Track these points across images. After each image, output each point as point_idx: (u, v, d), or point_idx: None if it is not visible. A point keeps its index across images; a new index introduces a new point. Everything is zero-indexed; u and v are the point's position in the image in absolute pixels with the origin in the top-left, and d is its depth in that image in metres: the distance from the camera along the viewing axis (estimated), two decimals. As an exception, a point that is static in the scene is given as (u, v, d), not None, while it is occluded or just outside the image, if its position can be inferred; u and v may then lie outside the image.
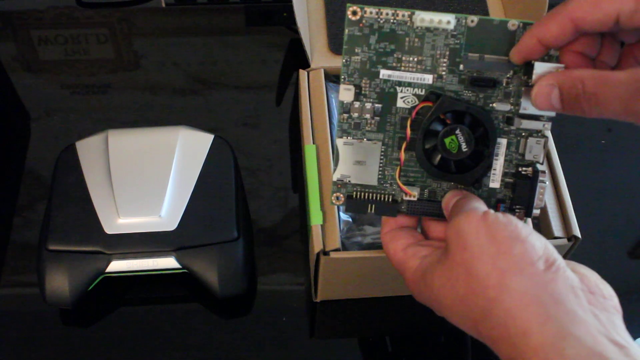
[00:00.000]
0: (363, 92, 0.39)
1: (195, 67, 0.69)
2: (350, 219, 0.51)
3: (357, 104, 0.39)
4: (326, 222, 0.47)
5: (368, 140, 0.40)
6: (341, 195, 0.41)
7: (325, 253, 0.46)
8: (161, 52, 0.70)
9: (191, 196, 0.53)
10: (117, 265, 0.50)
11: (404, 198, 0.40)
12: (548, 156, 0.52)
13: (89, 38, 0.71)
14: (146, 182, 0.53)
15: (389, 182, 0.40)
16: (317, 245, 0.46)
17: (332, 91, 0.56)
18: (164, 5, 0.74)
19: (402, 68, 0.38)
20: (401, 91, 0.39)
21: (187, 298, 0.54)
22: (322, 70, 0.56)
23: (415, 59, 0.38)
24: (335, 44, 0.59)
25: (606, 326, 0.30)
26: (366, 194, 0.40)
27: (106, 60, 0.70)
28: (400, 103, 0.39)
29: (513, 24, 0.37)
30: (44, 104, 0.66)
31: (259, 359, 0.52)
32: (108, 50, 0.71)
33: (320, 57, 0.58)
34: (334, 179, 0.40)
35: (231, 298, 0.51)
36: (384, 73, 0.38)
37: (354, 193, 0.40)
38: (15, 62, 0.70)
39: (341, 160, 0.40)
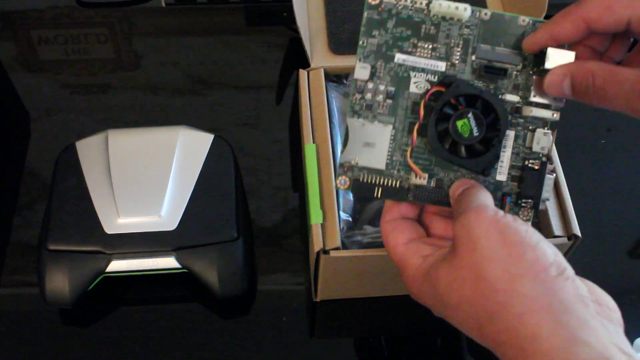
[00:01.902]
0: (377, 74, 0.39)
1: (195, 67, 0.69)
2: (350, 219, 0.51)
3: (370, 85, 0.39)
4: (326, 221, 0.47)
5: (379, 122, 0.40)
6: (347, 178, 0.40)
7: (325, 252, 0.46)
8: (161, 52, 0.70)
9: (191, 196, 0.53)
10: (117, 265, 0.50)
11: (413, 181, 0.40)
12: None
13: (89, 38, 0.71)
14: (146, 182, 0.53)
15: (396, 168, 0.40)
16: (317, 244, 0.46)
17: (332, 91, 0.56)
18: (164, 5, 0.74)
19: (417, 54, 0.39)
20: (414, 76, 0.39)
21: (187, 298, 0.54)
22: (322, 70, 0.56)
23: (430, 46, 0.39)
24: (335, 44, 0.59)
25: (614, 336, 0.30)
26: (373, 178, 0.40)
27: (106, 60, 0.70)
28: (413, 88, 0.39)
29: (523, 19, 0.39)
30: (44, 104, 0.66)
31: (259, 359, 0.52)
32: (108, 50, 0.71)
33: (320, 57, 0.58)
34: (341, 160, 0.40)
35: (231, 298, 0.51)
36: (399, 57, 0.39)
37: (361, 176, 0.40)
38: (15, 62, 0.70)
39: (350, 140, 0.40)
